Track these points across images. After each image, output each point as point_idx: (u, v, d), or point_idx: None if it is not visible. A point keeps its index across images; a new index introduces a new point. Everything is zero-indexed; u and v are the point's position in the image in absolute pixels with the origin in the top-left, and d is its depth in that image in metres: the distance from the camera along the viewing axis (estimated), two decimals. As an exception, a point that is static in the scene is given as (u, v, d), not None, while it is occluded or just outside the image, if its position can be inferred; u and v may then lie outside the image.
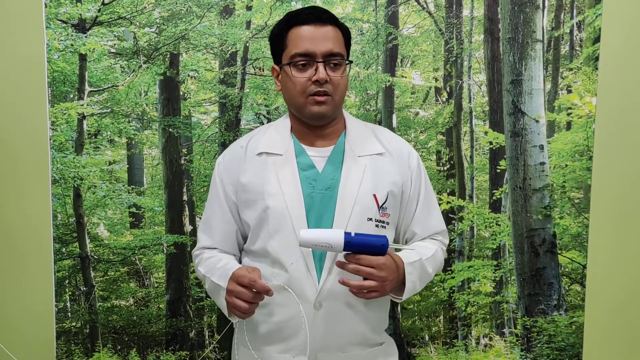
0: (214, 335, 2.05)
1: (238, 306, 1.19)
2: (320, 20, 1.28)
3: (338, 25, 1.31)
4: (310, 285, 1.26)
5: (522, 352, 2.03)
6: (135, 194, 2.01)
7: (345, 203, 1.28)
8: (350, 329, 1.29)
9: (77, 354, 2.03)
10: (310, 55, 1.26)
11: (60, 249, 1.99)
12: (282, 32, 1.31)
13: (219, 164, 1.41)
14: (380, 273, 1.18)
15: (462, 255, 2.04)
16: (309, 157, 1.34)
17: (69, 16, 1.92)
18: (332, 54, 1.27)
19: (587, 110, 1.95)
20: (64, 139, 1.96)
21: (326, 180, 1.31)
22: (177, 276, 2.03)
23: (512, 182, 1.99)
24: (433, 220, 1.42)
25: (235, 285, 1.19)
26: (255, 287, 1.16)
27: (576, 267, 2.00)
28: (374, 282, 1.18)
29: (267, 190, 1.30)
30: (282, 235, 1.28)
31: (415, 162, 1.40)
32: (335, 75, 1.28)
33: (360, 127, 1.41)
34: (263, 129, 1.42)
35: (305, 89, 1.28)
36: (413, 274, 1.27)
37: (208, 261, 1.36)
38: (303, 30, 1.27)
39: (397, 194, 1.35)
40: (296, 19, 1.29)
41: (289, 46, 1.29)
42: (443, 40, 1.98)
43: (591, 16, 1.94)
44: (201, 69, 1.97)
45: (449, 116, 2.01)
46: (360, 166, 1.32)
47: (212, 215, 1.40)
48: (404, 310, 2.05)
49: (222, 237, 1.39)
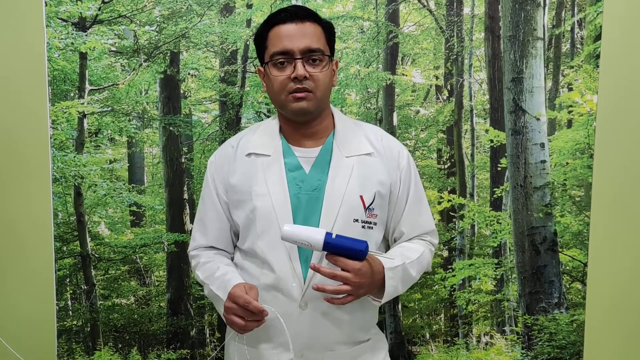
0: (215, 333, 2.05)
1: (235, 323, 1.22)
2: (297, 18, 1.29)
3: (318, 22, 1.32)
4: (296, 285, 1.28)
5: (523, 350, 2.03)
6: (136, 192, 2.01)
7: (332, 204, 1.29)
8: (336, 328, 1.30)
9: (78, 353, 2.03)
10: (288, 52, 1.27)
11: (61, 248, 2.00)
12: (264, 32, 1.32)
13: (211, 163, 1.42)
14: (355, 279, 1.18)
15: (463, 253, 2.04)
16: (296, 158, 1.34)
17: (69, 14, 1.92)
18: (311, 50, 1.27)
19: (588, 108, 1.95)
20: (64, 137, 1.96)
21: (313, 181, 1.32)
22: (177, 274, 2.03)
23: (513, 180, 1.99)
24: (422, 220, 1.42)
25: (231, 303, 1.22)
26: (249, 308, 1.19)
27: (577, 265, 2.00)
28: (349, 287, 1.18)
29: (255, 190, 1.31)
30: (269, 235, 1.29)
31: (405, 161, 1.39)
32: (315, 71, 1.28)
33: (349, 126, 1.40)
34: (253, 129, 1.43)
35: (285, 86, 1.28)
36: (394, 278, 1.27)
37: (206, 266, 1.38)
38: (282, 29, 1.29)
39: (385, 194, 1.35)
40: (275, 18, 1.31)
41: (269, 46, 1.31)
42: (444, 38, 1.97)
43: (592, 14, 1.93)
44: (201, 67, 1.96)
45: (450, 114, 2.01)
46: (348, 167, 1.32)
47: (205, 214, 1.42)
48: (404, 309, 2.05)
49: (216, 235, 1.41)
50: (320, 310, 1.28)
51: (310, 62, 1.28)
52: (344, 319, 1.31)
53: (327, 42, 1.33)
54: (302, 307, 1.28)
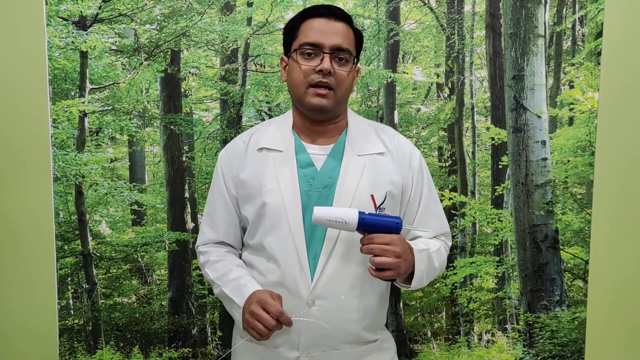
0: (217, 332, 2.05)
1: (259, 329, 1.21)
2: (334, 15, 1.30)
3: (352, 26, 1.33)
4: (303, 283, 1.27)
5: (525, 348, 2.03)
6: (137, 191, 2.01)
7: (342, 202, 1.28)
8: (343, 327, 1.29)
9: (80, 351, 2.03)
10: (318, 45, 1.28)
11: (63, 247, 2.00)
12: (296, 23, 1.33)
13: (222, 157, 1.42)
14: (395, 248, 1.18)
15: (465, 251, 2.04)
16: (308, 155, 1.34)
17: (69, 13, 1.92)
18: (340, 48, 1.28)
19: (590, 105, 1.95)
20: (65, 136, 1.96)
21: (324, 179, 1.31)
22: (179, 273, 2.03)
23: (514, 178, 1.99)
24: (436, 222, 1.42)
25: (261, 310, 1.21)
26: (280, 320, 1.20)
27: (578, 262, 2.00)
28: (389, 257, 1.17)
29: (265, 186, 1.31)
30: (278, 231, 1.29)
31: (418, 162, 1.39)
32: (340, 70, 1.29)
33: (362, 125, 1.41)
34: (265, 124, 1.43)
35: (307, 76, 1.29)
36: (422, 262, 1.27)
37: (217, 265, 1.37)
38: (315, 22, 1.30)
39: (397, 195, 1.35)
40: (311, 11, 1.32)
41: (300, 36, 1.31)
42: (444, 36, 1.97)
43: (593, 11, 1.93)
44: (202, 65, 1.96)
45: (451, 112, 2.00)
46: (359, 165, 1.32)
47: (215, 208, 1.41)
48: (406, 307, 2.05)
49: (226, 230, 1.40)
50: (328, 307, 1.27)
51: (337, 60, 1.29)
52: (352, 318, 1.30)
53: (356, 47, 1.34)
54: (309, 304, 1.27)
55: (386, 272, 1.19)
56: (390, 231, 1.19)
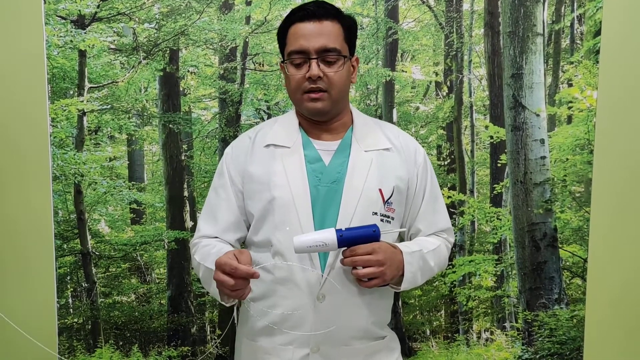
0: (216, 330, 2.05)
1: (228, 294, 1.15)
2: (316, 16, 1.29)
3: (339, 19, 1.31)
4: (314, 278, 1.26)
5: (524, 346, 2.03)
6: (136, 190, 2.01)
7: (351, 197, 1.29)
8: (352, 321, 1.29)
9: (79, 350, 2.03)
10: (304, 52, 1.28)
11: (62, 246, 2.00)
12: (284, 29, 1.33)
13: (227, 154, 1.41)
14: (377, 257, 1.18)
15: (463, 249, 2.04)
16: (316, 150, 1.34)
17: (68, 12, 1.91)
18: (327, 49, 1.28)
19: (588, 103, 1.95)
20: (64, 135, 1.96)
21: (332, 174, 1.32)
22: (178, 272, 2.03)
23: (513, 176, 1.99)
24: (438, 218, 1.43)
25: (219, 274, 1.14)
26: (236, 275, 1.11)
27: (577, 260, 2.00)
28: (373, 267, 1.18)
29: (274, 181, 1.30)
30: (287, 226, 1.28)
31: (422, 159, 1.40)
32: (329, 71, 1.28)
33: (367, 122, 1.42)
34: (270, 123, 1.43)
35: (300, 85, 1.29)
36: (413, 264, 1.27)
37: (204, 249, 1.33)
38: (299, 27, 1.29)
39: (403, 190, 1.36)
40: (295, 15, 1.31)
41: (287, 44, 1.32)
42: (443, 34, 1.97)
43: (592, 9, 1.93)
44: (201, 64, 1.96)
45: (450, 110, 2.00)
46: (367, 160, 1.33)
47: (216, 204, 1.38)
48: (405, 305, 2.06)
49: (225, 227, 1.37)
50: (338, 303, 1.27)
51: (325, 61, 1.29)
52: (361, 313, 1.30)
53: (346, 40, 1.32)
54: (319, 299, 1.26)
55: (372, 281, 1.21)
56: (369, 240, 1.19)
